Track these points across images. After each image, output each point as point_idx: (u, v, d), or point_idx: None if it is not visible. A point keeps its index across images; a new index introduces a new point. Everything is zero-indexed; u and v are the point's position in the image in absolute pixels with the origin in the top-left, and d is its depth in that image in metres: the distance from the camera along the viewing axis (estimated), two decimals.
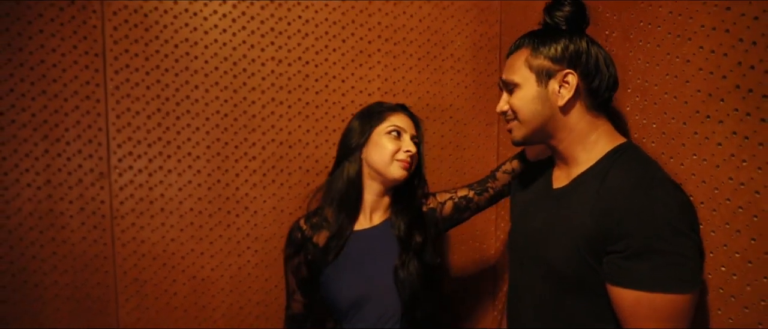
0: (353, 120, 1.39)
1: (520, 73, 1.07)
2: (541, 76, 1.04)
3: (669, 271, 0.88)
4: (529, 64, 1.06)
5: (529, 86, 1.06)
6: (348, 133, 1.38)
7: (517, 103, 1.07)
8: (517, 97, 1.07)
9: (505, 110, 1.11)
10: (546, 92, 1.04)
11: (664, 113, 1.17)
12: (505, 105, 1.11)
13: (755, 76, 0.95)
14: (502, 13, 1.90)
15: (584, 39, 1.07)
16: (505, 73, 1.12)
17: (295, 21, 1.67)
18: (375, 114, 1.36)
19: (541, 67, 1.04)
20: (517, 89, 1.07)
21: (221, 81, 1.62)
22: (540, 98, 1.05)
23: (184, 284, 1.61)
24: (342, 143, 1.39)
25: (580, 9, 1.10)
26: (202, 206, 1.62)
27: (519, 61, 1.08)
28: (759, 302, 0.93)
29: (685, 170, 1.10)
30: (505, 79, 1.10)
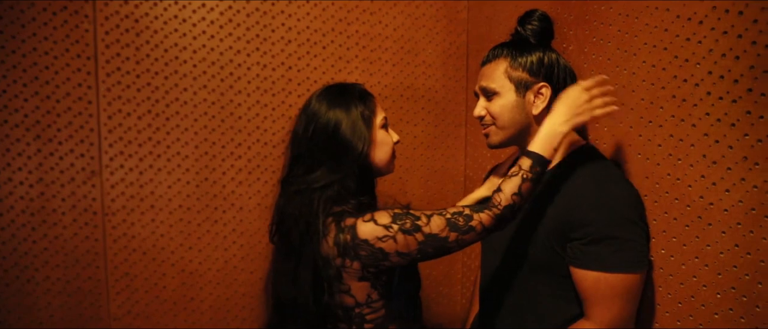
0: (337, 112, 1.16)
1: (500, 82, 1.19)
2: (519, 87, 1.18)
3: (623, 254, 1.05)
4: (508, 75, 1.18)
5: (508, 95, 1.19)
6: (342, 133, 1.15)
7: (497, 110, 1.19)
8: (497, 104, 1.19)
9: (483, 115, 1.23)
10: (523, 101, 1.19)
11: (613, 117, 1.34)
12: (483, 110, 1.23)
13: (688, 88, 1.13)
14: (468, 23, 2.06)
15: (554, 52, 1.23)
16: (484, 81, 1.22)
17: (278, 28, 1.77)
18: (365, 103, 1.19)
19: (520, 79, 1.18)
20: (497, 97, 1.20)
21: (209, 84, 1.70)
22: (518, 107, 1.19)
23: (173, 277, 1.69)
24: (335, 142, 1.15)
25: (548, 24, 1.26)
26: (190, 203, 1.70)
27: (498, 71, 1.20)
28: (691, 278, 1.11)
29: (632, 167, 1.27)
30: (485, 87, 1.21)
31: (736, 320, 1.02)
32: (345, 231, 1.09)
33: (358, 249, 1.08)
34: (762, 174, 0.98)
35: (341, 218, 1.11)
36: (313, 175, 1.15)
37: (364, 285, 1.14)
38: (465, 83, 2.07)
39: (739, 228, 1.01)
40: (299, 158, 1.19)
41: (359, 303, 1.16)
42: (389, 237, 1.07)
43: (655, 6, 1.22)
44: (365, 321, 1.18)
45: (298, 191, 1.16)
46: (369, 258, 1.09)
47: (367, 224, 1.08)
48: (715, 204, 1.07)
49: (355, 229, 1.08)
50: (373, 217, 1.09)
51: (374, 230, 1.07)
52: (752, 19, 1.00)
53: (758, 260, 0.98)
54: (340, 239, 1.09)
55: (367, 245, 1.08)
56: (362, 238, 1.07)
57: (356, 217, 1.10)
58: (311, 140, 1.16)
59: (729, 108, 1.04)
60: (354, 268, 1.11)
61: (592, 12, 1.41)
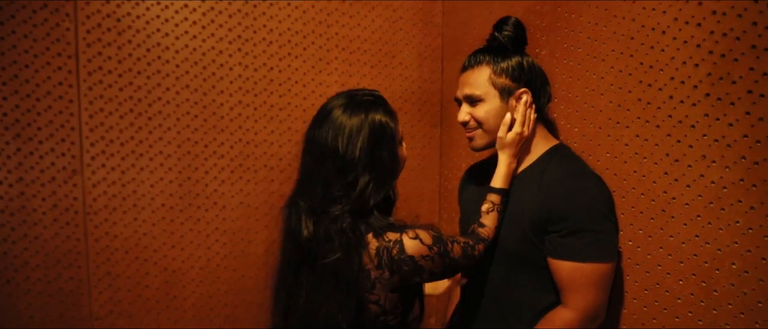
0: (386, 117, 1.18)
1: (484, 89, 1.26)
2: (503, 93, 1.25)
3: (597, 246, 1.14)
4: (492, 82, 1.25)
5: (493, 101, 1.25)
6: (392, 143, 1.17)
7: (482, 115, 1.26)
8: (482, 110, 1.26)
9: (468, 121, 1.29)
10: (506, 106, 1.26)
11: (584, 119, 1.44)
12: (468, 116, 1.29)
13: (652, 92, 1.23)
14: (443, 27, 2.14)
15: (530, 57, 1.31)
16: (468, 88, 1.28)
17: (260, 30, 1.80)
18: (394, 118, 1.21)
19: (503, 86, 1.25)
20: (482, 103, 1.26)
21: (191, 84, 1.72)
22: (502, 111, 1.26)
23: (156, 276, 1.69)
24: (382, 149, 1.15)
25: (522, 31, 1.33)
26: (173, 202, 1.71)
27: (482, 78, 1.26)
28: (656, 266, 1.21)
29: (601, 165, 1.37)
30: (471, 95, 1.27)
31: (696, 304, 1.12)
32: (392, 245, 1.10)
33: (402, 263, 1.10)
34: (718, 171, 1.08)
35: (381, 232, 1.11)
36: (353, 192, 1.11)
37: (394, 296, 1.15)
38: (440, 85, 2.15)
39: (699, 220, 1.12)
40: (327, 170, 1.13)
41: (385, 311, 1.15)
42: (430, 258, 1.11)
43: (622, 16, 1.32)
44: (387, 327, 1.18)
45: (329, 209, 1.11)
46: (408, 274, 1.11)
47: (413, 241, 1.10)
48: (677, 199, 1.17)
49: (402, 244, 1.10)
50: (418, 235, 1.11)
51: (420, 249, 1.10)
52: (709, 31, 1.11)
53: (715, 249, 1.08)
54: (382, 252, 1.09)
55: (412, 261, 1.10)
56: (409, 254, 1.09)
57: (398, 232, 1.11)
58: (349, 153, 1.11)
59: (689, 111, 1.15)
60: (392, 281, 1.11)
61: (563, 19, 1.50)
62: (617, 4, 1.32)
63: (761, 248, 1.01)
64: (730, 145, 1.06)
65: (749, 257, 1.02)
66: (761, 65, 1.01)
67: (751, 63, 1.03)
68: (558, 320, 1.17)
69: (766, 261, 1.00)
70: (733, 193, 1.05)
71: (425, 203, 2.14)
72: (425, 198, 2.12)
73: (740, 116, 1.05)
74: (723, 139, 1.08)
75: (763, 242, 1.00)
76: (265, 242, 1.85)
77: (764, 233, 1.00)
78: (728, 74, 1.07)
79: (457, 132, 2.07)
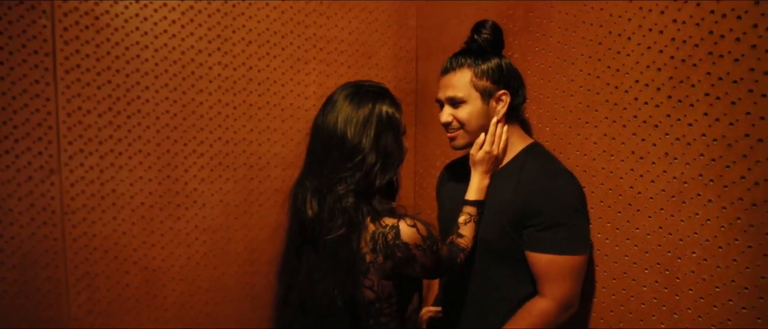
0: (392, 108, 1.22)
1: (466, 91, 1.31)
2: (484, 95, 1.31)
3: (572, 239, 1.21)
4: (474, 84, 1.30)
5: (475, 102, 1.31)
6: (397, 132, 1.22)
7: (465, 116, 1.31)
8: (465, 111, 1.31)
9: (450, 122, 1.34)
10: (487, 107, 1.32)
11: (555, 119, 1.52)
12: (450, 117, 1.33)
13: (618, 94, 1.32)
14: (417, 29, 2.19)
15: (507, 59, 1.37)
16: (451, 91, 1.32)
17: (239, 29, 1.82)
18: (399, 109, 1.24)
19: (485, 88, 1.31)
20: (464, 105, 1.31)
21: (171, 82, 1.72)
22: (483, 113, 1.32)
23: (135, 275, 1.69)
24: (388, 137, 1.19)
25: (499, 34, 1.40)
26: (152, 201, 1.71)
27: (463, 80, 1.31)
28: (623, 257, 1.30)
29: (571, 162, 1.45)
30: (453, 97, 1.31)
31: (660, 290, 1.21)
32: (387, 230, 1.12)
33: (396, 249, 1.12)
34: (680, 167, 1.17)
35: (378, 216, 1.14)
36: (358, 173, 1.15)
37: (389, 284, 1.18)
38: (414, 85, 2.21)
39: (662, 213, 1.21)
40: (334, 155, 1.17)
41: (380, 299, 1.19)
42: (423, 248, 1.14)
43: (590, 22, 1.40)
44: (383, 315, 1.21)
45: (334, 188, 1.15)
46: (401, 261, 1.14)
47: (410, 228, 1.13)
48: (642, 193, 1.26)
49: (398, 230, 1.12)
50: (415, 224, 1.15)
51: (415, 237, 1.13)
52: (670, 37, 1.20)
53: (677, 239, 1.17)
54: (378, 237, 1.12)
55: (406, 248, 1.13)
56: (404, 241, 1.12)
57: (396, 218, 1.14)
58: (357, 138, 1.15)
59: (653, 112, 1.24)
60: (385, 266, 1.14)
61: (535, 24, 1.58)
62: (586, 11, 1.41)
63: (718, 237, 1.10)
64: (690, 143, 1.15)
65: (708, 246, 1.12)
66: (717, 70, 1.11)
67: (708, 68, 1.12)
68: (535, 309, 1.24)
69: (722, 249, 1.09)
70: (693, 188, 1.15)
71: (400, 201, 2.19)
72: (400, 196, 2.17)
73: (699, 117, 1.14)
74: (683, 138, 1.17)
75: (720, 232, 1.10)
76: (244, 240, 1.86)
77: (721, 224, 1.10)
78: (688, 78, 1.16)
79: (432, 131, 2.13)
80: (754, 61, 1.05)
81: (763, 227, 1.03)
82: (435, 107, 2.07)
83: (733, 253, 1.07)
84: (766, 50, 1.03)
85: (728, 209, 1.08)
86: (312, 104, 1.97)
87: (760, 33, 1.04)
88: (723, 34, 1.10)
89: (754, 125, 1.05)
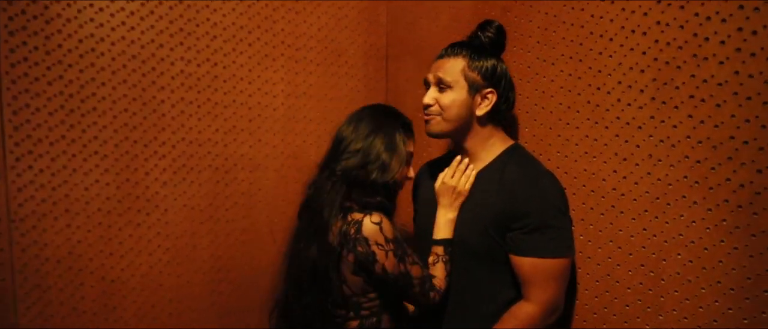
0: (399, 135, 1.33)
1: (456, 78, 1.28)
2: (472, 88, 1.28)
3: (557, 242, 1.20)
4: (465, 74, 1.28)
5: (461, 91, 1.28)
6: (390, 163, 1.30)
7: (447, 102, 1.29)
8: (448, 97, 1.29)
9: (432, 104, 1.31)
10: (471, 101, 1.29)
11: (534, 119, 1.51)
12: (433, 100, 1.31)
13: (601, 95, 1.32)
14: (388, 27, 2.15)
15: (505, 64, 1.34)
16: (441, 72, 1.30)
17: (203, 23, 1.72)
18: (399, 139, 1.33)
19: (474, 81, 1.28)
20: (449, 91, 1.29)
21: (129, 79, 1.60)
22: (466, 105, 1.29)
23: (92, 286, 1.57)
24: (381, 167, 1.28)
25: (503, 37, 1.37)
26: (110, 206, 1.59)
27: (456, 67, 1.29)
28: (606, 259, 1.30)
29: (551, 164, 1.44)
30: (442, 78, 1.29)
31: (644, 292, 1.21)
32: (350, 224, 1.21)
33: (357, 243, 1.20)
34: (664, 169, 1.18)
35: (349, 211, 1.23)
36: (344, 167, 1.28)
37: (358, 279, 1.26)
38: (385, 83, 2.16)
39: (646, 215, 1.21)
40: (340, 152, 1.31)
41: (356, 294, 1.28)
42: (384, 249, 1.20)
43: (570, 22, 1.39)
44: (362, 308, 1.29)
45: (327, 178, 1.30)
46: (363, 256, 1.21)
47: (373, 225, 1.20)
48: (625, 195, 1.25)
49: (360, 224, 1.20)
50: (380, 223, 1.21)
51: (375, 235, 1.20)
52: (654, 39, 1.20)
53: (662, 240, 1.18)
54: (343, 230, 1.22)
55: (366, 243, 1.20)
56: (364, 235, 1.20)
57: (364, 214, 1.22)
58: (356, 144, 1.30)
59: (636, 113, 1.24)
60: (349, 261, 1.23)
61: (513, 24, 1.56)
62: (567, 12, 1.40)
63: (704, 239, 1.11)
64: (674, 145, 1.16)
65: (693, 247, 1.12)
66: (702, 72, 1.11)
67: (692, 70, 1.13)
68: (521, 314, 1.22)
69: (708, 251, 1.10)
70: (678, 189, 1.15)
71: None
72: None
73: (684, 119, 1.14)
74: (668, 139, 1.17)
75: (706, 234, 1.10)
76: (210, 246, 1.77)
77: (706, 226, 1.10)
78: (672, 80, 1.16)
79: None
80: (739, 64, 1.06)
81: (749, 228, 1.04)
82: (406, 107, 2.05)
83: (719, 255, 1.08)
84: (751, 53, 1.04)
85: (714, 211, 1.09)
86: (280, 102, 1.89)
87: (745, 36, 1.05)
88: (708, 36, 1.10)
89: (739, 128, 1.06)
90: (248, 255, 1.85)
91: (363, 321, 1.30)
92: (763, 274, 1.02)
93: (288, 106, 1.91)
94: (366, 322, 1.30)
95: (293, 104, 1.92)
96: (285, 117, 1.90)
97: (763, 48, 1.02)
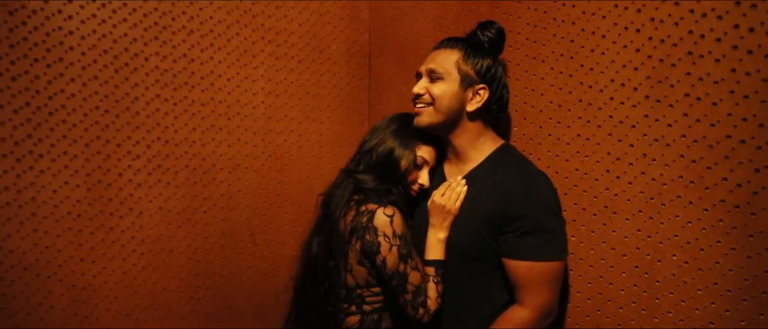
0: (394, 141, 1.35)
1: (449, 69, 1.26)
2: (464, 81, 1.26)
3: (552, 244, 1.16)
4: (458, 66, 1.26)
5: (453, 83, 1.26)
6: (396, 159, 1.34)
7: (438, 92, 1.26)
8: (440, 88, 1.26)
9: (423, 94, 1.28)
10: (463, 95, 1.26)
11: (524, 118, 1.48)
12: (423, 90, 1.28)
13: (593, 93, 1.29)
14: (371, 23, 2.10)
15: (502, 66, 1.32)
16: (433, 63, 1.28)
17: (179, 17, 1.64)
18: (412, 141, 1.36)
19: (467, 74, 1.26)
20: (441, 82, 1.26)
21: (101, 75, 1.52)
22: (457, 97, 1.26)
23: (62, 294, 1.48)
24: (388, 163, 1.34)
25: (502, 39, 1.34)
26: (81, 209, 1.50)
27: (450, 59, 1.26)
28: (599, 260, 1.27)
29: (542, 164, 1.41)
30: (434, 69, 1.27)
31: (639, 294, 1.19)
32: (364, 213, 1.26)
33: (367, 231, 1.24)
34: (659, 169, 1.15)
35: (362, 202, 1.29)
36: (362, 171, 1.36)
37: (363, 270, 1.29)
38: (368, 81, 2.11)
39: (641, 215, 1.19)
40: (357, 152, 1.43)
41: (360, 285, 1.30)
42: (389, 242, 1.23)
43: (561, 19, 1.36)
44: (364, 303, 1.32)
45: (342, 174, 1.40)
46: (368, 245, 1.24)
47: (385, 217, 1.24)
48: (619, 195, 1.23)
49: (373, 214, 1.25)
50: (392, 216, 1.24)
51: (385, 226, 1.23)
52: (647, 36, 1.18)
53: (657, 241, 1.16)
54: (356, 219, 1.27)
55: (374, 233, 1.23)
56: (374, 224, 1.24)
57: (379, 205, 1.26)
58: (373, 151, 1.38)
59: (630, 112, 1.21)
60: (356, 249, 1.27)
61: (501, 20, 1.52)
62: (557, 8, 1.37)
63: (700, 240, 1.09)
64: (669, 144, 1.14)
65: (689, 248, 1.10)
66: (697, 70, 1.09)
67: (688, 68, 1.11)
68: (515, 319, 1.19)
69: (704, 251, 1.08)
70: (673, 189, 1.13)
71: None
72: None
73: (679, 117, 1.12)
74: (662, 138, 1.15)
75: (702, 234, 1.08)
76: (188, 250, 1.69)
77: (702, 227, 1.09)
78: (667, 78, 1.14)
79: None
80: (735, 61, 1.04)
81: (747, 229, 1.02)
82: (390, 106, 2.00)
83: (716, 256, 1.07)
84: (748, 51, 1.02)
85: (710, 212, 1.07)
86: (260, 100, 1.82)
87: (742, 33, 1.03)
88: (703, 33, 1.09)
89: (736, 126, 1.04)
90: (228, 259, 1.78)
91: (364, 316, 1.32)
92: (762, 275, 1.00)
93: (268, 104, 1.84)
94: (367, 319, 1.32)
95: (274, 102, 1.86)
96: (265, 115, 1.84)
97: (761, 45, 1.00)
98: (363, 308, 1.32)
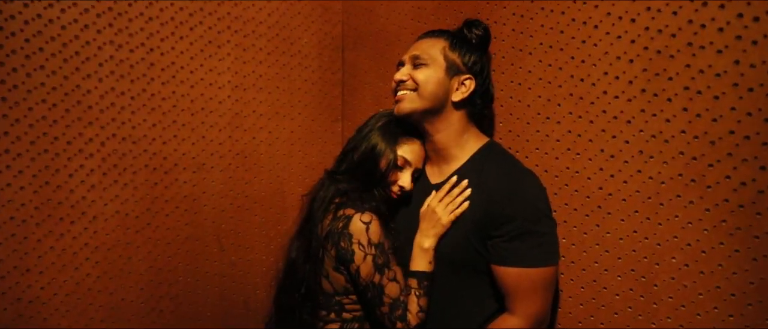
0: (376, 137, 1.28)
1: (434, 56, 1.20)
2: (450, 69, 1.19)
3: (542, 249, 1.09)
4: (445, 54, 1.20)
5: (438, 70, 1.19)
6: (376, 156, 1.26)
7: (422, 78, 1.19)
8: (424, 73, 1.19)
9: (405, 80, 1.21)
10: (448, 83, 1.19)
11: (510, 113, 1.40)
12: (407, 76, 1.21)
13: (584, 87, 1.22)
14: (344, 14, 1.99)
15: (488, 61, 1.26)
16: (417, 51, 1.22)
17: (137, 2, 1.50)
18: (395, 139, 1.28)
19: (453, 62, 1.19)
20: (425, 68, 1.19)
21: (48, 65, 1.37)
22: (442, 85, 1.19)
23: (5, 309, 1.32)
24: (369, 161, 1.26)
25: (488, 38, 1.28)
26: (26, 214, 1.35)
27: (436, 47, 1.21)
28: (593, 264, 1.21)
29: (530, 161, 1.34)
30: (418, 56, 1.21)
31: (636, 299, 1.13)
32: (340, 218, 1.19)
33: (341, 238, 1.17)
34: (656, 166, 1.09)
35: (342, 206, 1.22)
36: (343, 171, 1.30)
37: (340, 277, 1.22)
38: (341, 76, 2.01)
39: (637, 216, 1.12)
40: (345, 155, 1.34)
41: (338, 292, 1.24)
42: (364, 250, 1.15)
43: (550, 8, 1.29)
44: (344, 310, 1.25)
45: (325, 174, 1.33)
46: (342, 252, 1.17)
47: (361, 224, 1.16)
48: (613, 195, 1.17)
49: (349, 220, 1.17)
50: (369, 223, 1.16)
51: (360, 234, 1.16)
52: (644, 26, 1.11)
53: (655, 243, 1.10)
54: (333, 223, 1.19)
55: (349, 240, 1.16)
56: (349, 231, 1.16)
57: (357, 210, 1.18)
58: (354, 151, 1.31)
59: (625, 106, 1.15)
60: (331, 255, 1.20)
61: (485, 10, 1.45)
62: None
63: (701, 241, 1.03)
64: (667, 141, 1.08)
65: (689, 250, 1.05)
66: (698, 62, 1.03)
67: (687, 60, 1.05)
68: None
69: (706, 253, 1.02)
70: (672, 188, 1.07)
71: None
72: None
73: (678, 112, 1.06)
74: (660, 134, 1.09)
75: (703, 235, 1.03)
76: (148, 258, 1.55)
77: (703, 227, 1.03)
78: (665, 70, 1.08)
79: None
80: (739, 52, 0.98)
81: (752, 230, 0.97)
82: (364, 102, 1.91)
83: (719, 258, 1.01)
84: (752, 41, 0.97)
85: (712, 211, 1.02)
86: (226, 94, 1.70)
87: (746, 22, 0.98)
88: (704, 23, 1.03)
89: (740, 122, 0.99)
90: (193, 265, 1.65)
91: (344, 324, 1.25)
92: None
93: (235, 99, 1.72)
94: (347, 327, 1.25)
95: (241, 97, 1.73)
96: (232, 111, 1.71)
97: (767, 35, 0.95)
98: (343, 316, 1.25)
